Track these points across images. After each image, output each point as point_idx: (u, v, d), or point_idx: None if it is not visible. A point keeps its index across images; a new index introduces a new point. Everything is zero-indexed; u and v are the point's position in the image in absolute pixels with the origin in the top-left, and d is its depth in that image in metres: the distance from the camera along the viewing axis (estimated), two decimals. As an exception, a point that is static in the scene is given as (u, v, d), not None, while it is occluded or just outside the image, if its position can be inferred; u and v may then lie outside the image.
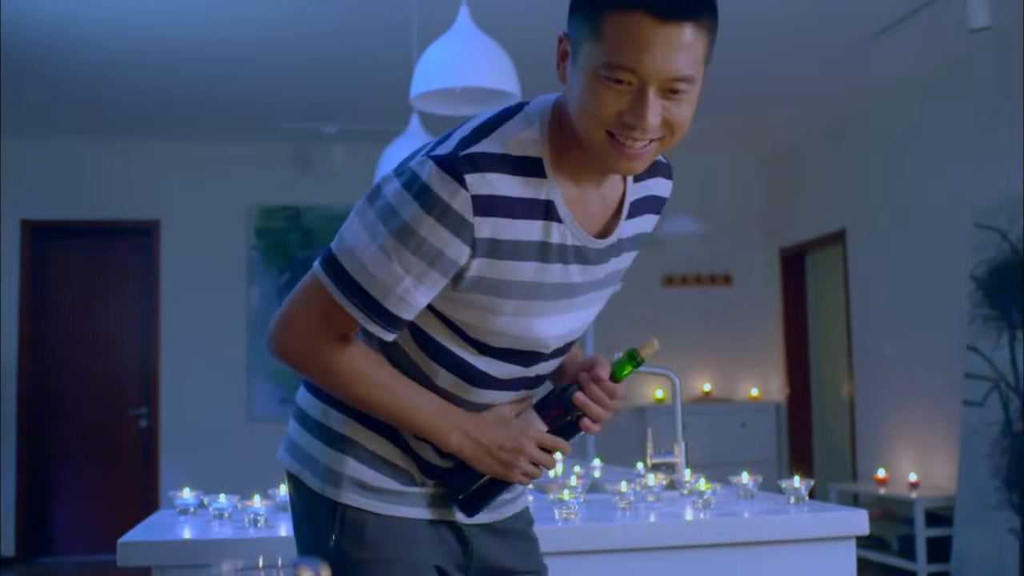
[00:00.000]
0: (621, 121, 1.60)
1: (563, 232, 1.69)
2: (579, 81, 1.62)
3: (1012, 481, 5.70)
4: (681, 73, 1.58)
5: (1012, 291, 5.90)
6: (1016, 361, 5.81)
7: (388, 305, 1.64)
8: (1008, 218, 5.98)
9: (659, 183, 1.88)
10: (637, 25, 1.55)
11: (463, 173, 1.61)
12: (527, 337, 1.74)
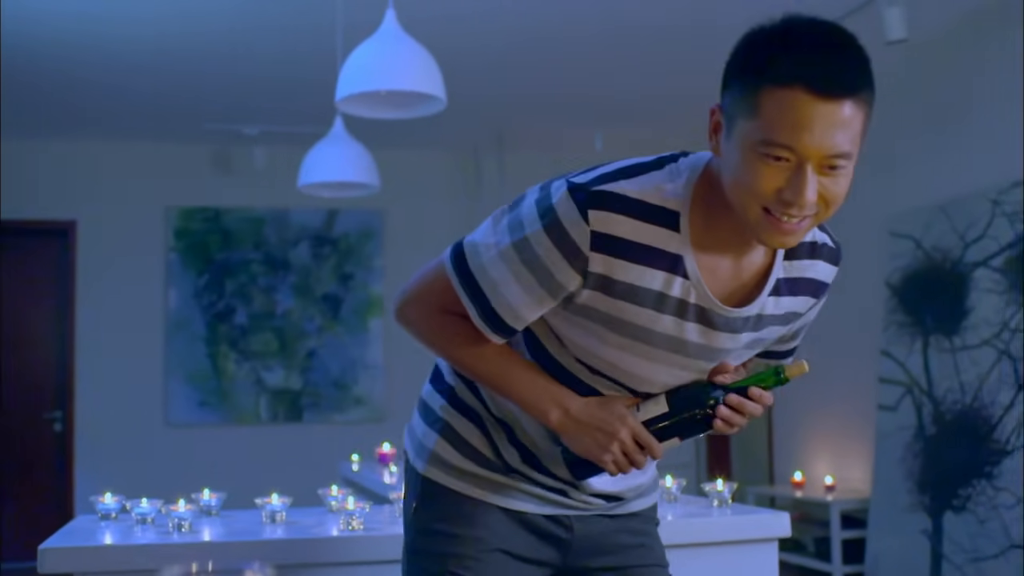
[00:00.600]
0: (779, 198, 1.58)
1: (687, 288, 1.70)
2: (735, 156, 1.60)
3: (924, 484, 5.82)
4: (840, 150, 1.56)
5: (926, 298, 6.02)
6: (929, 366, 5.92)
7: (496, 308, 1.73)
8: (922, 226, 6.10)
9: (820, 267, 1.84)
10: (796, 102, 1.53)
11: (588, 207, 1.65)
12: (632, 373, 1.78)
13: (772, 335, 1.84)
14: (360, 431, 8.17)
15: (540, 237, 1.67)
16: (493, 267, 1.72)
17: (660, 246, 1.67)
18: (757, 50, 1.58)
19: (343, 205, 8.34)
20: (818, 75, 1.52)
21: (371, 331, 8.49)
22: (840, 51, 1.56)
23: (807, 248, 1.80)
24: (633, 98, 7.18)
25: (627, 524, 1.99)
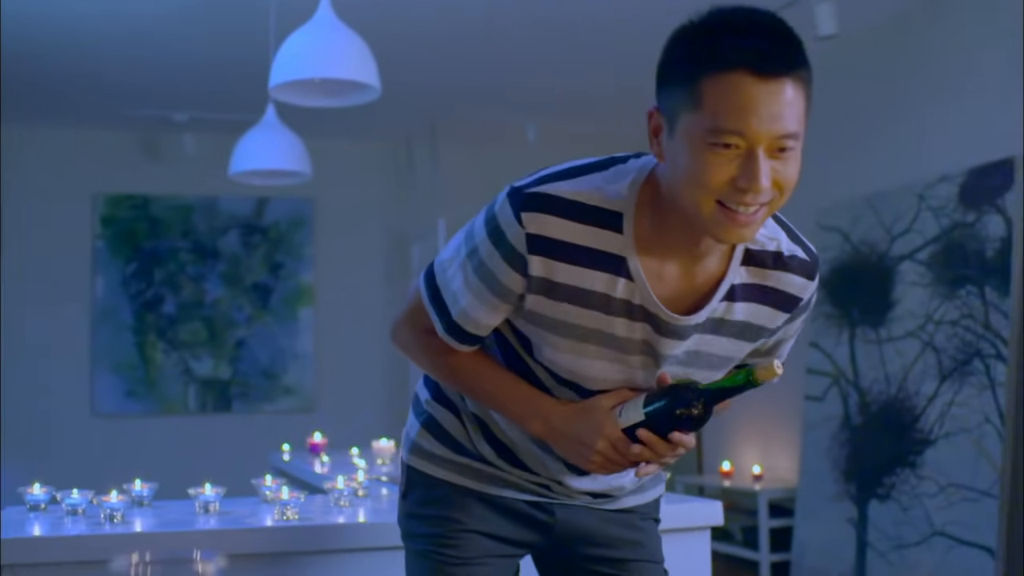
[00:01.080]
0: (734, 187, 1.56)
1: (631, 290, 1.69)
2: (682, 153, 1.59)
3: (850, 473, 5.90)
4: (788, 130, 1.55)
5: (853, 290, 6.11)
6: (855, 357, 6.01)
7: (456, 319, 1.77)
8: (850, 219, 6.19)
9: (789, 279, 1.79)
10: (739, 85, 1.53)
11: (522, 210, 1.66)
12: (590, 377, 1.77)
13: (732, 350, 1.80)
14: (290, 421, 8.13)
15: (485, 244, 1.71)
16: (454, 280, 1.76)
17: (601, 247, 1.67)
18: (692, 42, 1.58)
19: (273, 193, 8.28)
20: (757, 56, 1.53)
21: (301, 320, 8.44)
22: (775, 32, 1.57)
23: (771, 258, 1.77)
24: (566, 90, 7.20)
25: (618, 517, 1.99)
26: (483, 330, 1.79)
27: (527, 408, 1.79)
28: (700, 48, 1.56)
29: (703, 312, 1.72)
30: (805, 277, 1.79)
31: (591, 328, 1.71)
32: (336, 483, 3.02)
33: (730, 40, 1.54)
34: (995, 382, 5.08)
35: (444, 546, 1.91)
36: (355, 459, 4.55)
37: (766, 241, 1.76)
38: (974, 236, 5.34)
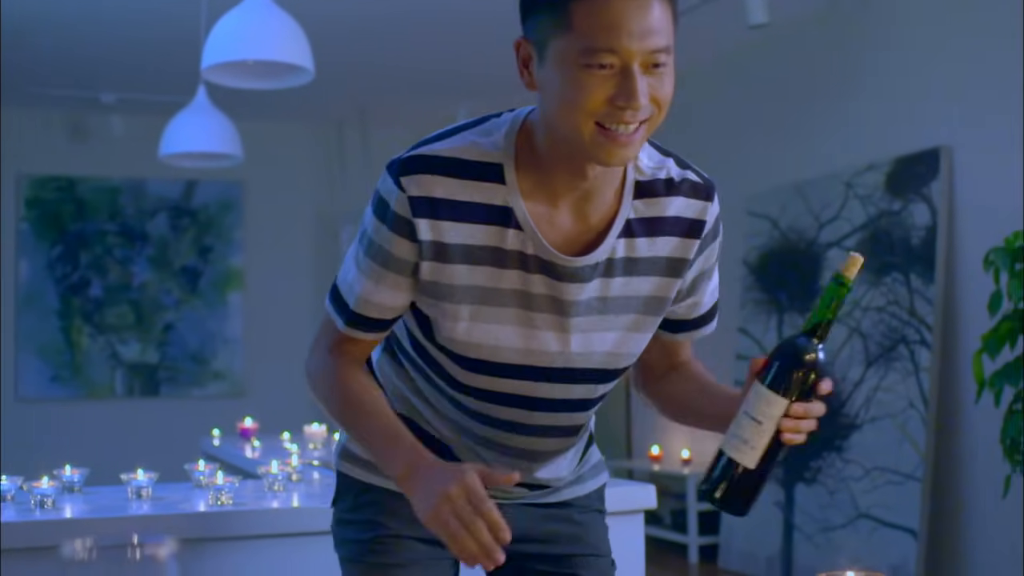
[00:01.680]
0: (612, 106, 1.54)
1: (522, 240, 1.66)
2: (555, 79, 1.58)
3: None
4: (659, 44, 1.55)
5: (781, 276, 6.19)
6: (783, 342, 6.09)
7: (355, 307, 1.74)
8: (779, 206, 6.26)
9: (682, 203, 1.75)
10: (606, 4, 1.52)
11: (399, 175, 1.65)
12: (495, 347, 1.70)
13: (644, 288, 1.75)
14: (219, 406, 8.06)
15: (372, 221, 1.69)
16: (349, 273, 1.75)
17: (485, 201, 1.65)
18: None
19: (202, 176, 8.20)
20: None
21: (230, 305, 8.38)
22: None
23: (662, 185, 1.74)
24: (497, 73, 7.19)
25: (556, 512, 1.92)
26: (386, 312, 1.73)
27: (389, 447, 1.70)
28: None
29: (601, 250, 1.68)
30: (702, 199, 1.77)
31: (488, 287, 1.67)
32: (270, 468, 3.01)
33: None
34: (919, 367, 5.18)
35: (373, 552, 1.85)
36: (287, 444, 4.54)
37: (655, 170, 1.74)
38: (900, 224, 5.43)
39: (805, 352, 1.60)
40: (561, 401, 1.76)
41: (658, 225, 1.73)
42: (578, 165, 1.64)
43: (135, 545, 0.82)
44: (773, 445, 1.60)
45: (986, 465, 4.89)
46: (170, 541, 0.83)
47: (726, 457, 1.61)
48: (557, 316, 1.69)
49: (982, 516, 5.01)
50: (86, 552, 0.81)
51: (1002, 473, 4.39)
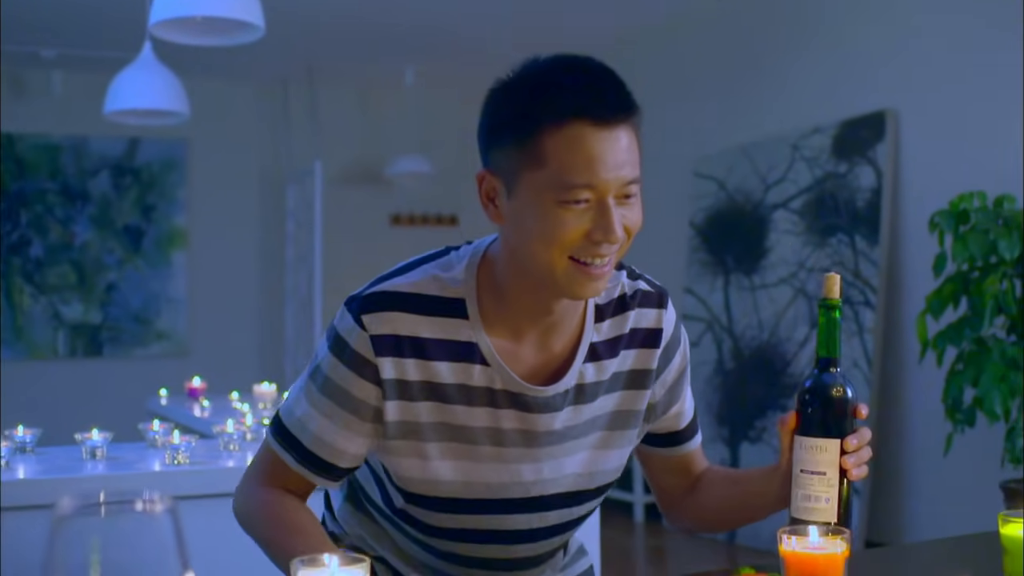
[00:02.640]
0: (588, 241, 1.53)
1: (490, 375, 1.62)
2: (528, 213, 1.54)
3: (723, 416, 6.06)
4: (632, 176, 1.54)
5: (727, 238, 6.23)
6: (729, 304, 6.15)
7: (310, 447, 1.64)
8: (726, 168, 6.30)
9: (639, 314, 1.74)
10: (580, 137, 1.50)
11: (361, 313, 1.59)
12: (461, 482, 1.65)
13: (629, 404, 1.74)
14: (163, 366, 8.01)
15: (329, 361, 1.62)
16: (299, 409, 1.66)
17: (449, 337, 1.61)
18: (521, 97, 1.55)
19: (145, 134, 8.09)
20: (595, 104, 1.51)
21: (174, 264, 8.30)
22: (604, 77, 1.55)
23: (615, 304, 1.73)
24: (445, 32, 7.16)
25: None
26: (342, 457, 1.65)
27: None
28: (533, 102, 1.53)
29: (568, 377, 1.66)
30: (655, 307, 1.75)
31: (457, 425, 1.63)
32: (225, 427, 3.00)
33: (566, 90, 1.52)
34: (863, 328, 5.25)
35: None
36: (236, 404, 4.52)
37: (610, 290, 1.73)
38: (846, 186, 5.49)
39: (833, 388, 1.62)
40: (538, 530, 1.72)
41: (620, 343, 1.72)
42: (543, 299, 1.62)
43: (130, 501, 0.82)
44: (842, 489, 1.61)
45: (928, 424, 4.97)
46: (166, 497, 0.83)
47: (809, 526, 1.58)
48: (531, 448, 1.66)
49: (925, 474, 5.10)
50: (80, 509, 0.81)
51: (944, 432, 4.47)
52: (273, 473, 1.69)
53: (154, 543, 0.82)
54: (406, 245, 8.90)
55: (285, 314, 8.36)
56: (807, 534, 1.53)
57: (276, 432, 1.68)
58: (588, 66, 1.56)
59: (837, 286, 1.64)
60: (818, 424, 1.62)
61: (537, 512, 1.69)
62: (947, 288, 4.28)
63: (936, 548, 2.06)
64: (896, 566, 1.89)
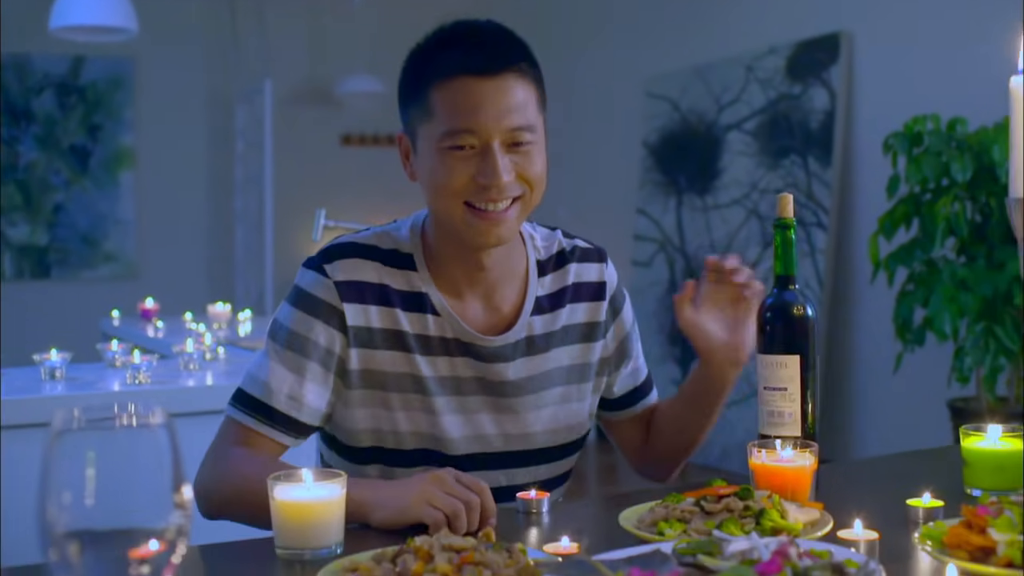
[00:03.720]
0: (476, 185, 1.61)
1: (441, 325, 1.70)
2: (426, 165, 1.65)
3: (675, 336, 6.11)
4: (519, 123, 1.62)
5: (680, 158, 6.25)
6: (682, 224, 6.18)
7: (275, 405, 1.66)
8: (679, 89, 6.29)
9: (578, 268, 1.83)
10: (462, 87, 1.60)
11: (323, 263, 1.68)
12: (427, 434, 1.70)
13: (582, 357, 1.81)
14: (112, 288, 7.94)
15: (293, 315, 1.68)
16: (261, 372, 1.68)
17: (403, 287, 1.70)
18: (419, 59, 1.68)
19: (90, 52, 7.93)
20: (475, 57, 1.61)
21: (122, 185, 8.18)
22: (489, 34, 1.67)
23: (554, 259, 1.83)
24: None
25: None
26: (306, 410, 1.67)
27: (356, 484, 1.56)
28: (426, 62, 1.65)
29: (517, 328, 1.75)
30: (596, 261, 1.86)
31: (419, 375, 1.69)
32: (185, 346, 2.99)
33: (451, 49, 1.64)
34: (815, 249, 5.30)
35: None
36: (191, 324, 4.50)
37: (548, 247, 1.83)
38: (799, 108, 5.51)
39: (793, 306, 1.69)
40: (506, 489, 1.73)
41: (564, 295, 1.81)
42: (471, 256, 1.70)
43: (127, 414, 0.82)
44: (806, 403, 1.67)
45: (878, 344, 5.05)
46: (162, 411, 0.83)
47: None
48: (490, 397, 1.73)
49: (874, 393, 5.19)
50: (76, 423, 0.81)
51: (893, 351, 4.54)
52: (235, 444, 1.68)
53: (151, 456, 0.83)
54: (357, 166, 8.85)
55: (235, 235, 8.30)
56: (776, 448, 1.55)
57: (236, 401, 1.70)
58: (479, 26, 1.68)
59: (790, 205, 1.69)
60: (779, 341, 1.66)
61: (504, 469, 1.76)
62: (899, 210, 4.33)
63: (896, 462, 2.11)
64: (859, 480, 1.93)
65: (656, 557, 1.18)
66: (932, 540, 1.30)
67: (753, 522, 1.37)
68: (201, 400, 2.69)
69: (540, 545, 1.37)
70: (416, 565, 1.19)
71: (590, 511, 1.67)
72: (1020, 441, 1.64)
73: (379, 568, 1.21)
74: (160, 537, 0.82)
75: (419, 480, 1.51)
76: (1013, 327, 4.05)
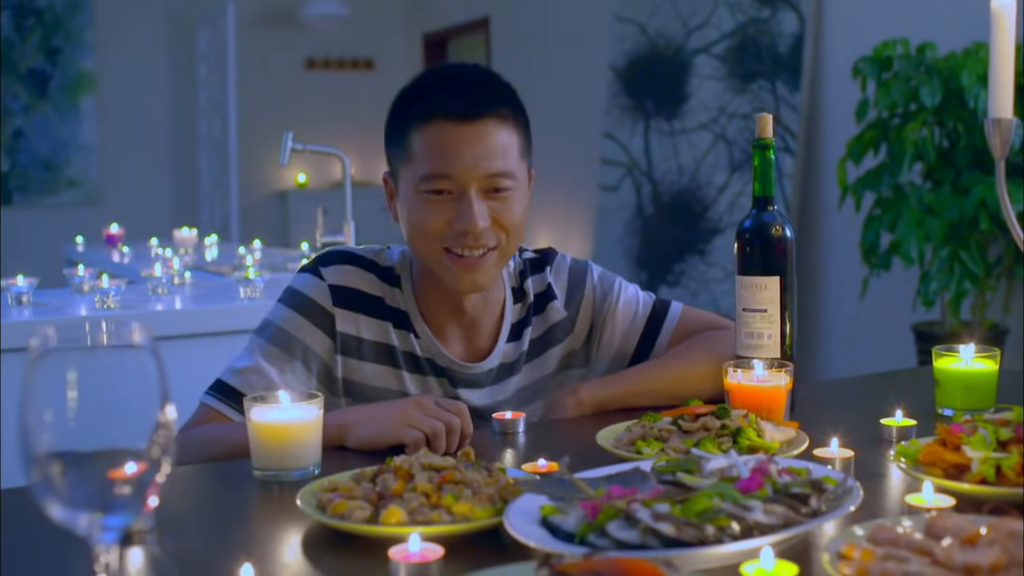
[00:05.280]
0: (453, 230, 1.61)
1: (421, 346, 1.72)
2: (405, 206, 1.65)
3: (642, 261, 6.12)
4: (497, 169, 1.61)
5: (648, 83, 6.21)
6: (649, 149, 6.16)
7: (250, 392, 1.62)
8: (648, 12, 6.24)
9: (535, 280, 1.85)
10: (440, 131, 1.59)
11: (320, 266, 1.70)
12: None
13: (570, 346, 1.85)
14: (75, 214, 7.87)
15: (282, 313, 1.69)
16: (242, 363, 1.68)
17: (389, 302, 1.72)
18: (402, 103, 1.67)
19: (48, -27, 7.79)
20: (454, 102, 1.60)
21: (83, 110, 8.08)
22: (472, 78, 1.66)
23: (518, 278, 1.84)
24: None
25: None
26: None
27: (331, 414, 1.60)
28: (408, 105, 1.65)
29: (493, 356, 1.77)
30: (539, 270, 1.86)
31: (407, 392, 1.71)
32: (154, 271, 2.97)
33: (432, 93, 1.63)
34: (783, 174, 5.30)
35: None
36: (157, 249, 4.47)
37: (515, 274, 1.84)
38: (768, 32, 5.48)
39: (772, 227, 1.67)
40: None
41: (529, 313, 1.82)
42: (451, 296, 1.71)
43: (109, 335, 0.81)
44: (784, 324, 1.66)
45: (845, 268, 5.07)
46: (144, 328, 0.82)
47: None
48: None
49: (840, 317, 5.23)
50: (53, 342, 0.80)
51: (860, 276, 4.57)
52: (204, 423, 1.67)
53: (134, 376, 0.82)
54: (321, 90, 8.77)
55: (199, 160, 8.22)
56: (751, 367, 1.56)
57: (212, 390, 1.69)
58: (462, 71, 1.68)
59: (770, 125, 1.67)
60: (758, 262, 1.66)
61: None
62: (868, 134, 4.33)
63: (867, 383, 2.12)
64: (832, 400, 1.94)
65: (636, 475, 1.19)
66: (907, 457, 1.32)
67: (730, 441, 1.38)
68: (171, 324, 2.68)
69: (518, 465, 1.38)
70: (396, 484, 1.19)
71: (567, 431, 1.67)
72: (991, 362, 1.65)
73: (359, 488, 1.22)
74: (144, 457, 0.81)
75: (399, 402, 1.53)
76: (978, 252, 4.08)
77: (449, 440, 1.48)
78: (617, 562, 0.85)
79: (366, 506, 1.16)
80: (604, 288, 1.89)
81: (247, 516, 1.34)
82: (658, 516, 1.03)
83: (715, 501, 1.05)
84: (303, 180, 8.69)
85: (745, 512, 1.04)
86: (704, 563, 1.02)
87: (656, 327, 1.90)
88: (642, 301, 1.92)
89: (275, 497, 1.35)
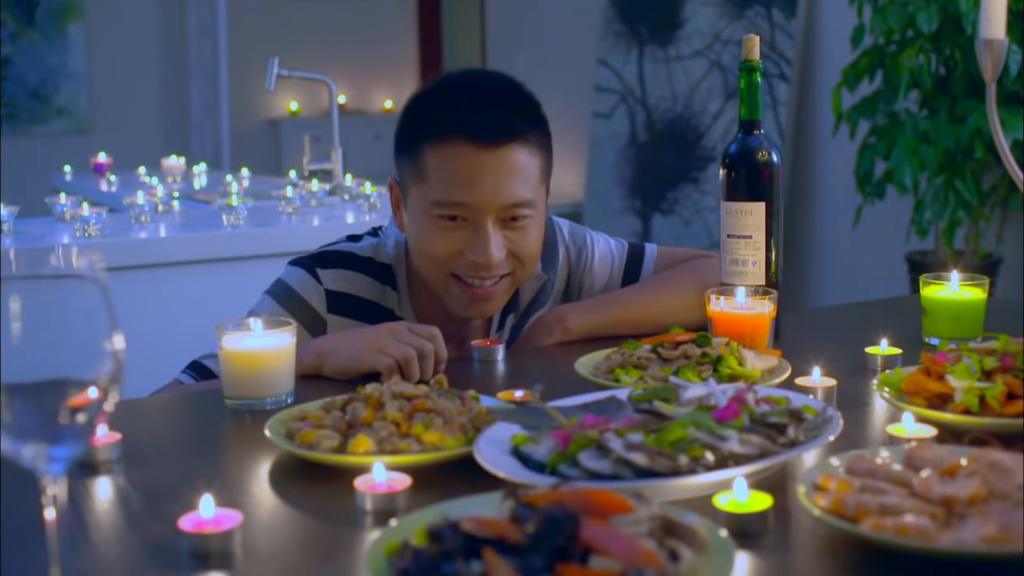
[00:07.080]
0: (464, 259, 1.51)
1: None
2: (413, 225, 1.54)
3: (635, 188, 6.07)
4: (517, 199, 1.50)
5: (642, 8, 6.13)
6: (644, 75, 6.09)
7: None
8: (642, -64, 6.15)
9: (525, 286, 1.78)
10: (459, 155, 1.47)
11: (317, 267, 1.59)
12: None
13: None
14: (65, 143, 7.80)
15: (272, 308, 1.60)
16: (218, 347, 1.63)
17: (382, 303, 1.64)
18: (415, 111, 1.54)
19: None
20: (478, 124, 1.48)
21: (71, 37, 7.98)
22: (499, 97, 1.53)
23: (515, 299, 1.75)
24: None
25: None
26: None
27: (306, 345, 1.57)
28: (422, 117, 1.52)
29: None
30: None
31: None
32: (136, 199, 2.94)
33: (450, 108, 1.49)
34: (777, 101, 5.25)
35: None
36: (145, 178, 4.43)
37: None
38: (764, -45, 5.39)
39: (758, 152, 1.64)
40: None
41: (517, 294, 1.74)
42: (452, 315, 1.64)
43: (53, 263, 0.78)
44: (769, 251, 1.63)
45: (839, 196, 5.04)
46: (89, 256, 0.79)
47: None
48: None
49: (834, 246, 5.20)
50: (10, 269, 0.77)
51: (854, 204, 4.53)
52: None
53: (80, 305, 0.79)
54: (314, 16, 8.66)
55: (190, 88, 8.13)
56: (734, 295, 1.53)
57: (189, 369, 1.63)
58: (486, 85, 1.55)
59: (757, 47, 1.63)
60: (743, 188, 1.62)
61: None
62: (863, 61, 4.27)
63: (854, 311, 2.10)
64: (817, 328, 1.92)
65: (611, 404, 1.16)
66: (890, 387, 1.30)
67: (710, 369, 1.36)
68: (151, 252, 2.65)
69: (494, 393, 1.35)
70: (366, 413, 1.17)
71: (546, 359, 1.65)
72: (979, 291, 1.63)
73: (328, 416, 1.19)
74: (91, 387, 0.78)
75: (373, 328, 1.49)
76: (973, 181, 4.04)
77: (423, 366, 1.44)
78: (584, 493, 0.83)
79: (334, 435, 1.14)
80: (577, 245, 1.82)
81: (217, 446, 1.32)
82: (631, 446, 1.00)
83: (690, 431, 1.03)
84: (295, 108, 8.61)
85: (720, 442, 1.02)
86: (676, 494, 1.00)
87: (635, 272, 1.85)
88: (616, 251, 1.86)
89: (247, 427, 1.33)
